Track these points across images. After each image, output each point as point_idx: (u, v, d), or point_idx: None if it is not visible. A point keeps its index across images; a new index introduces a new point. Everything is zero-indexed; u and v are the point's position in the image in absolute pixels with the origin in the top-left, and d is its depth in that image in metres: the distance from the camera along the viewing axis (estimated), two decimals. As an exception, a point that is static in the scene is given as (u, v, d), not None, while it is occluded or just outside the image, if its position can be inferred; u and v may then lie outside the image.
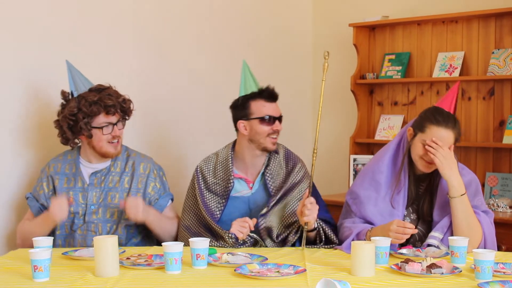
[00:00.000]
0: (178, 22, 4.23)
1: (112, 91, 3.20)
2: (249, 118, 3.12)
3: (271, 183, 3.12)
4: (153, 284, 2.36)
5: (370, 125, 4.83)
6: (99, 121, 3.14)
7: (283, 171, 3.16)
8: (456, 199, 2.80)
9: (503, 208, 3.97)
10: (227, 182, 3.11)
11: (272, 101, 3.15)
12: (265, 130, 3.10)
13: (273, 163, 3.16)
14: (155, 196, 3.23)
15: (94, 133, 3.14)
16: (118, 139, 3.19)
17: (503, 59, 4.16)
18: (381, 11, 4.74)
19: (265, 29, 4.78)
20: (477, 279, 2.36)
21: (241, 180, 3.16)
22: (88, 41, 3.75)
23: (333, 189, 4.90)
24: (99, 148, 3.16)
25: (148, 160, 3.29)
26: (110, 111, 3.13)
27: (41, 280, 2.39)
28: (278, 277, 2.40)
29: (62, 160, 3.27)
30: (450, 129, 2.83)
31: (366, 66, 4.80)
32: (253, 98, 3.13)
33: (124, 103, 3.20)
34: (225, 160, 3.16)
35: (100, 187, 3.19)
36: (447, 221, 2.85)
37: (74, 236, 3.16)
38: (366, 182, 2.98)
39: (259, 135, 3.10)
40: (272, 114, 3.12)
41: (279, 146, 3.22)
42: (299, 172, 3.17)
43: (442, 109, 2.89)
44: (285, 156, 3.21)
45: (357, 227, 2.91)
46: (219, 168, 3.16)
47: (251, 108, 3.12)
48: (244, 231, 2.92)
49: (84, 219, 3.16)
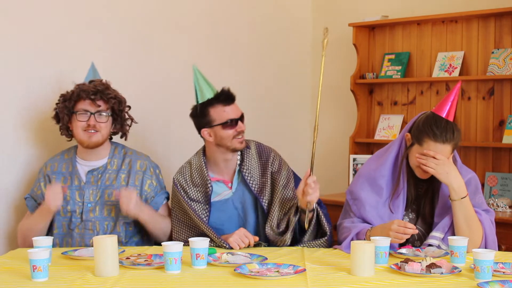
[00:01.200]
0: (173, 18, 4.20)
1: (99, 82, 3.23)
2: (211, 126, 3.11)
3: (249, 178, 3.14)
4: (153, 284, 2.36)
5: (370, 125, 4.83)
6: (76, 107, 3.18)
7: (258, 164, 3.18)
8: (457, 202, 2.80)
9: (503, 208, 3.97)
10: (206, 187, 3.12)
11: (230, 103, 3.13)
12: (230, 133, 3.09)
13: (247, 158, 3.17)
14: (151, 193, 3.24)
15: (73, 119, 3.18)
16: (94, 129, 3.16)
17: (502, 59, 4.16)
18: (381, 11, 4.75)
19: (265, 29, 4.77)
20: (477, 279, 2.36)
21: (219, 183, 3.18)
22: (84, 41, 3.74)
23: (333, 188, 4.90)
24: (76, 135, 3.20)
25: (144, 158, 3.30)
26: (82, 96, 3.15)
27: (40, 280, 2.39)
28: (278, 277, 2.40)
29: (59, 159, 3.28)
30: (447, 143, 2.79)
31: (366, 66, 4.80)
32: (211, 105, 3.11)
33: (104, 94, 3.18)
34: (199, 167, 3.16)
35: (97, 185, 3.19)
36: (448, 220, 2.85)
37: (72, 235, 3.16)
38: (367, 185, 2.97)
39: (224, 139, 3.10)
40: (233, 116, 3.11)
41: (249, 141, 3.23)
42: (274, 162, 3.19)
43: (441, 119, 2.82)
44: (257, 149, 3.22)
45: (357, 227, 2.91)
46: (195, 175, 3.16)
47: (211, 115, 3.10)
48: (241, 245, 2.92)
49: (82, 218, 3.16)
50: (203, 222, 3.05)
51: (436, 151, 2.79)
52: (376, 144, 4.67)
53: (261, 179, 3.15)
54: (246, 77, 4.65)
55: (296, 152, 4.29)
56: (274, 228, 3.05)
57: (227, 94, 3.13)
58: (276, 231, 3.04)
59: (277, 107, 4.88)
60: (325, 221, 3.01)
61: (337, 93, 5.03)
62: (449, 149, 2.81)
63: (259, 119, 4.66)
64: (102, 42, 3.83)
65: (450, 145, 2.81)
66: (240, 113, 3.15)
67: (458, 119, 4.41)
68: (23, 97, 3.50)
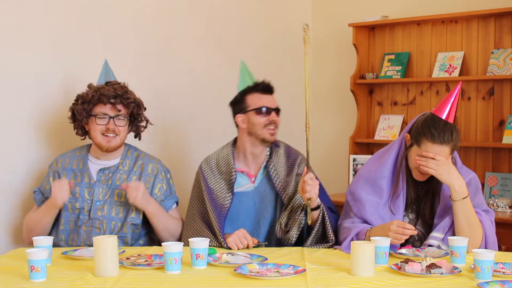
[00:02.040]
0: (178, 22, 4.23)
1: (118, 86, 3.22)
2: (246, 111, 3.17)
3: (275, 175, 3.16)
4: (153, 284, 2.36)
5: (370, 125, 4.83)
6: (95, 110, 3.17)
7: (285, 163, 3.20)
8: (458, 202, 2.79)
9: (503, 208, 3.97)
10: (230, 175, 3.14)
11: (267, 93, 3.21)
12: (262, 121, 3.14)
13: (275, 156, 3.20)
14: (161, 197, 3.24)
15: (91, 121, 3.18)
16: (114, 134, 3.18)
17: (502, 59, 4.16)
18: (381, 11, 4.75)
19: (265, 29, 4.78)
20: (477, 279, 2.36)
21: (243, 174, 3.19)
22: (91, 41, 3.76)
23: (333, 189, 4.89)
24: (93, 137, 3.20)
25: (157, 162, 3.31)
26: (103, 100, 3.15)
27: (38, 280, 2.39)
28: (278, 277, 2.40)
29: (70, 156, 3.29)
30: (445, 144, 2.79)
31: (366, 66, 4.80)
32: (249, 92, 3.20)
33: (126, 99, 3.19)
34: (226, 156, 3.20)
35: (107, 184, 3.19)
36: (448, 221, 2.84)
37: (78, 232, 3.16)
38: (368, 186, 2.97)
39: (256, 126, 3.14)
40: (267, 105, 3.17)
41: (280, 142, 3.27)
42: (301, 164, 3.21)
43: (440, 120, 2.81)
44: (285, 150, 3.26)
45: (356, 227, 2.91)
46: (221, 164, 3.19)
47: (247, 101, 3.18)
48: (240, 246, 2.92)
49: (89, 215, 3.16)
50: (214, 214, 3.05)
51: (434, 153, 2.79)
52: (376, 144, 4.67)
53: (286, 178, 3.17)
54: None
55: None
56: (283, 226, 3.06)
57: (266, 85, 3.23)
58: (283, 229, 3.06)
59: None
60: (331, 231, 3.01)
61: (337, 93, 5.03)
62: (448, 150, 2.80)
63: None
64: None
65: (449, 146, 2.80)
66: (275, 105, 3.21)
67: (458, 119, 4.40)
68: (33, 96, 3.51)
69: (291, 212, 3.09)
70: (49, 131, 3.58)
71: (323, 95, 5.06)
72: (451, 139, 2.79)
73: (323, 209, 3.02)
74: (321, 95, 5.09)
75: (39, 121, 3.55)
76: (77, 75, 3.57)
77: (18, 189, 3.49)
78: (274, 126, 3.18)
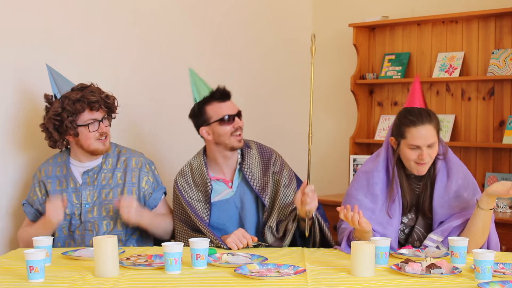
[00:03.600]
0: (173, 19, 4.22)
1: (94, 88, 3.23)
2: (209, 123, 3.14)
3: (251, 177, 3.15)
4: (153, 284, 2.36)
5: (370, 125, 4.83)
6: (84, 119, 3.16)
7: (259, 163, 3.19)
8: (485, 212, 2.77)
9: (503, 208, 3.97)
10: (206, 186, 3.13)
11: (226, 100, 3.16)
12: (227, 130, 3.12)
13: (247, 157, 3.19)
14: (149, 190, 3.25)
15: (80, 131, 3.16)
16: (105, 136, 3.20)
17: (503, 59, 4.16)
18: (381, 11, 4.74)
19: (265, 29, 4.77)
20: (477, 279, 2.36)
21: (219, 182, 3.19)
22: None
23: (333, 189, 4.90)
24: (87, 146, 3.17)
25: (139, 155, 3.31)
26: (94, 107, 3.15)
27: (37, 280, 2.39)
28: (278, 277, 2.40)
29: (52, 163, 3.28)
30: (427, 123, 2.83)
31: (366, 66, 4.80)
32: (207, 103, 3.15)
33: (108, 99, 3.22)
34: (199, 167, 3.18)
35: (93, 185, 3.19)
36: (450, 226, 2.83)
37: (73, 237, 3.17)
38: (362, 193, 2.96)
39: (222, 136, 3.12)
40: (229, 112, 3.14)
41: (250, 142, 3.26)
42: (276, 162, 3.21)
43: (412, 108, 2.88)
44: (258, 149, 3.24)
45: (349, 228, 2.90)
46: (196, 176, 3.18)
47: (208, 112, 3.14)
48: (239, 246, 2.92)
49: (81, 219, 3.16)
50: (202, 224, 3.06)
51: (420, 136, 2.80)
52: (376, 144, 4.67)
53: (262, 178, 3.16)
54: (245, 77, 4.64)
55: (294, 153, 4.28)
56: (274, 231, 3.06)
57: (222, 91, 3.17)
58: (275, 235, 3.05)
59: (277, 108, 4.87)
60: (330, 236, 3.03)
61: (337, 94, 5.03)
62: (432, 129, 2.83)
63: (258, 120, 4.65)
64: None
65: (431, 125, 2.83)
66: (236, 110, 3.17)
67: (458, 119, 4.41)
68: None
69: (280, 217, 3.08)
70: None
71: (324, 95, 5.06)
72: (431, 118, 2.84)
73: (318, 218, 3.01)
74: (322, 95, 5.09)
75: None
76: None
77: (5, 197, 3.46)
78: (240, 132, 3.14)
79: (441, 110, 4.48)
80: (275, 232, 3.06)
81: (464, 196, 2.88)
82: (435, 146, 2.86)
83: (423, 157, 2.82)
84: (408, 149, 2.85)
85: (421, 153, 2.82)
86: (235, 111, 3.16)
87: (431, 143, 2.83)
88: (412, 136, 2.83)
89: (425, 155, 2.82)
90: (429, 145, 2.83)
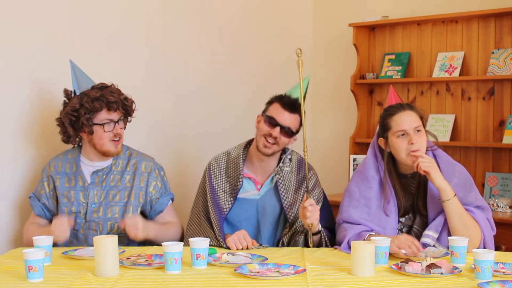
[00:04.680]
0: (180, 22, 4.23)
1: (114, 89, 3.22)
2: (264, 114, 3.14)
3: (283, 190, 3.12)
4: (153, 284, 2.36)
5: (370, 125, 4.83)
6: (100, 118, 3.15)
7: (295, 178, 3.16)
8: (449, 202, 2.79)
9: (503, 208, 3.97)
10: (236, 180, 3.12)
11: (288, 111, 3.09)
12: (265, 129, 3.09)
13: (285, 167, 3.16)
14: (156, 195, 3.24)
15: (95, 130, 3.15)
16: (119, 138, 3.19)
17: (503, 59, 4.16)
18: (381, 11, 4.75)
19: (265, 29, 4.77)
20: (477, 279, 2.36)
21: (250, 180, 3.17)
22: (92, 41, 3.76)
23: (333, 189, 4.89)
24: (100, 146, 3.17)
25: (150, 160, 3.30)
26: (112, 107, 3.14)
27: (35, 280, 2.38)
28: (278, 277, 2.40)
29: (62, 159, 3.28)
30: (408, 110, 2.87)
31: (366, 66, 4.80)
32: (273, 102, 3.15)
33: (126, 101, 3.22)
34: (236, 159, 3.17)
35: (101, 185, 3.19)
36: (441, 220, 2.84)
37: (77, 236, 3.16)
38: (355, 199, 2.96)
39: (259, 131, 3.12)
40: (279, 121, 3.07)
41: (293, 153, 3.22)
42: (311, 180, 3.17)
43: (391, 104, 2.96)
44: (298, 163, 3.20)
45: (354, 228, 2.90)
46: (230, 166, 3.17)
47: (269, 109, 3.13)
48: (239, 246, 2.92)
49: (86, 218, 3.16)
50: (216, 215, 3.05)
51: (405, 121, 2.84)
52: (376, 144, 4.67)
53: (294, 194, 3.14)
54: (244, 77, 4.64)
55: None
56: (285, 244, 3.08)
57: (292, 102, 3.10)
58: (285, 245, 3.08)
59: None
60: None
61: (337, 93, 5.03)
62: (415, 115, 2.87)
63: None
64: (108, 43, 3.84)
65: (413, 111, 2.88)
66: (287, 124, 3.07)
67: (458, 119, 4.41)
68: (24, 98, 3.50)
69: (292, 231, 3.09)
70: (44, 133, 3.55)
71: (323, 95, 5.06)
72: (412, 107, 2.90)
73: (323, 235, 3.01)
74: (321, 95, 5.09)
75: (32, 123, 3.52)
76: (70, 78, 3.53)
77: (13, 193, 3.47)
78: (273, 141, 3.07)
79: (441, 110, 4.48)
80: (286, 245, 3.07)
81: (459, 195, 2.87)
82: (423, 134, 2.86)
83: (413, 140, 2.82)
84: (396, 138, 2.85)
85: (410, 138, 2.83)
86: (283, 123, 3.06)
87: (417, 126, 2.85)
88: (396, 123, 2.86)
89: (414, 138, 2.82)
90: (416, 129, 2.85)
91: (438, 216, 2.87)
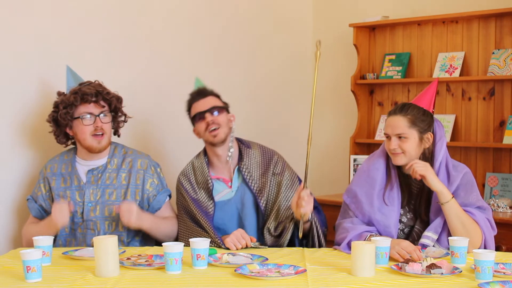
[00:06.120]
0: (173, 21, 4.21)
1: (96, 84, 3.24)
2: (193, 123, 3.24)
3: (249, 177, 3.17)
4: (154, 284, 2.36)
5: (370, 125, 4.84)
6: (79, 111, 3.16)
7: (259, 163, 3.22)
8: (448, 204, 2.80)
9: (503, 208, 3.97)
10: (207, 184, 3.16)
11: (200, 99, 3.21)
12: (202, 126, 3.17)
13: (246, 157, 3.21)
14: (153, 192, 3.25)
15: (75, 124, 3.16)
16: (102, 133, 3.18)
17: (503, 59, 4.16)
18: (381, 11, 4.75)
19: (265, 29, 4.77)
20: (477, 279, 2.36)
21: (219, 181, 3.21)
22: (92, 41, 3.76)
23: (333, 189, 4.90)
24: (83, 140, 3.18)
25: (145, 157, 3.31)
26: (87, 99, 3.14)
27: (34, 280, 2.39)
28: (279, 277, 2.40)
29: (58, 160, 3.28)
30: (398, 115, 2.89)
31: (366, 66, 4.80)
32: (191, 102, 3.25)
33: (107, 95, 3.21)
34: (200, 166, 3.22)
35: (97, 184, 3.19)
36: (441, 221, 2.85)
37: (75, 235, 3.17)
38: (362, 179, 3.00)
39: (201, 133, 3.19)
40: (199, 110, 3.18)
41: (253, 143, 3.29)
42: (278, 163, 3.23)
43: (403, 102, 2.97)
44: (260, 150, 3.26)
45: (355, 229, 2.90)
46: (198, 174, 3.21)
47: (191, 114, 3.25)
48: (238, 246, 2.93)
49: (83, 218, 3.16)
50: (205, 220, 3.07)
51: (389, 125, 2.89)
52: (376, 144, 4.67)
53: (261, 178, 3.18)
54: (245, 78, 4.64)
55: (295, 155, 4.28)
56: (272, 231, 3.07)
57: (196, 91, 3.25)
58: (273, 234, 3.06)
59: (277, 108, 4.88)
60: (324, 242, 3.07)
61: (338, 94, 5.03)
62: (403, 121, 2.88)
63: (260, 122, 4.67)
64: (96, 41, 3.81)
65: (402, 117, 2.88)
66: (208, 106, 3.18)
67: (458, 119, 4.41)
68: (18, 100, 3.48)
69: (277, 218, 3.10)
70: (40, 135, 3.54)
71: (324, 95, 5.06)
72: (405, 112, 2.89)
73: (316, 222, 3.02)
74: (322, 95, 5.09)
75: (28, 125, 3.51)
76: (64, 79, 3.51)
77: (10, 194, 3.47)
78: (215, 127, 3.14)
79: (441, 110, 4.48)
80: (272, 232, 3.07)
81: (461, 195, 2.88)
82: (408, 141, 2.88)
83: (390, 145, 2.88)
84: (385, 137, 2.93)
85: (388, 143, 2.90)
86: (205, 107, 3.17)
87: (399, 133, 2.88)
88: (385, 124, 2.95)
89: (392, 144, 2.88)
90: (398, 135, 2.88)
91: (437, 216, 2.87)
